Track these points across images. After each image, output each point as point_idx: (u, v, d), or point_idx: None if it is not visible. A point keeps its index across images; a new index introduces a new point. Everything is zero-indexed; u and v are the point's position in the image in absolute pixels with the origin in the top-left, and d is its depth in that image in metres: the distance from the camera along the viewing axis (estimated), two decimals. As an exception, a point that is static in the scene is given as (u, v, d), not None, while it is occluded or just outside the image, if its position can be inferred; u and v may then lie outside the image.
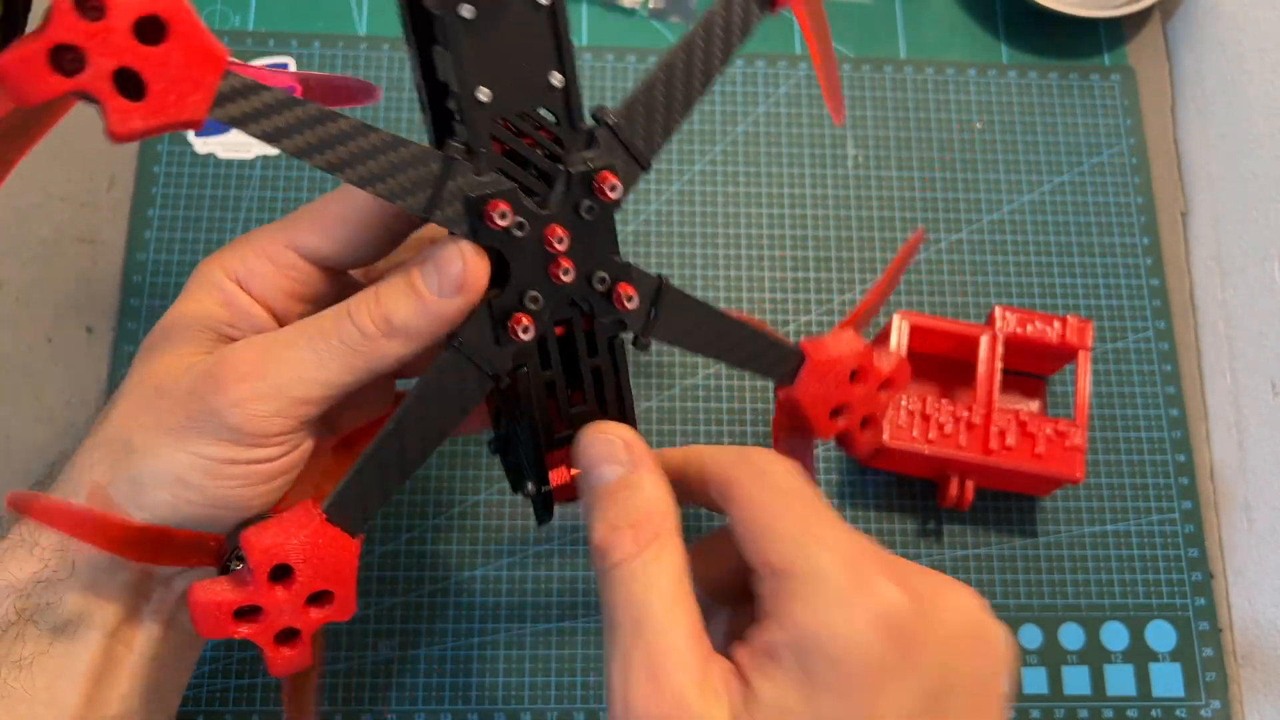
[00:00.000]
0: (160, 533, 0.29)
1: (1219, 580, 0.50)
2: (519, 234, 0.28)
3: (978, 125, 0.56)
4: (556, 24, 0.28)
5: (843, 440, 0.37)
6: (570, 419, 0.32)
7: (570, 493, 0.33)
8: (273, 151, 0.52)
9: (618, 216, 0.31)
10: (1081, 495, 0.50)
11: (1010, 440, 0.45)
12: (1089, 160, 0.56)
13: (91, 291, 0.49)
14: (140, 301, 0.49)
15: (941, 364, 0.50)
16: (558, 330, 0.31)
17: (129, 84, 0.23)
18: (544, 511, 0.33)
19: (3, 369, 0.48)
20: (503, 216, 0.28)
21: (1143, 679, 0.47)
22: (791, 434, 0.36)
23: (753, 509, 0.28)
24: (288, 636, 0.28)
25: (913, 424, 0.45)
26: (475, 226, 0.28)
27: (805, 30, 0.37)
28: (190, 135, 0.52)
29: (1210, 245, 0.54)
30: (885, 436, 0.45)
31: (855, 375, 0.35)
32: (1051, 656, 0.47)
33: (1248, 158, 0.52)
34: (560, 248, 0.29)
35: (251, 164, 0.52)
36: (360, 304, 0.29)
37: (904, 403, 0.46)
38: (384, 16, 0.55)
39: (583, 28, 0.56)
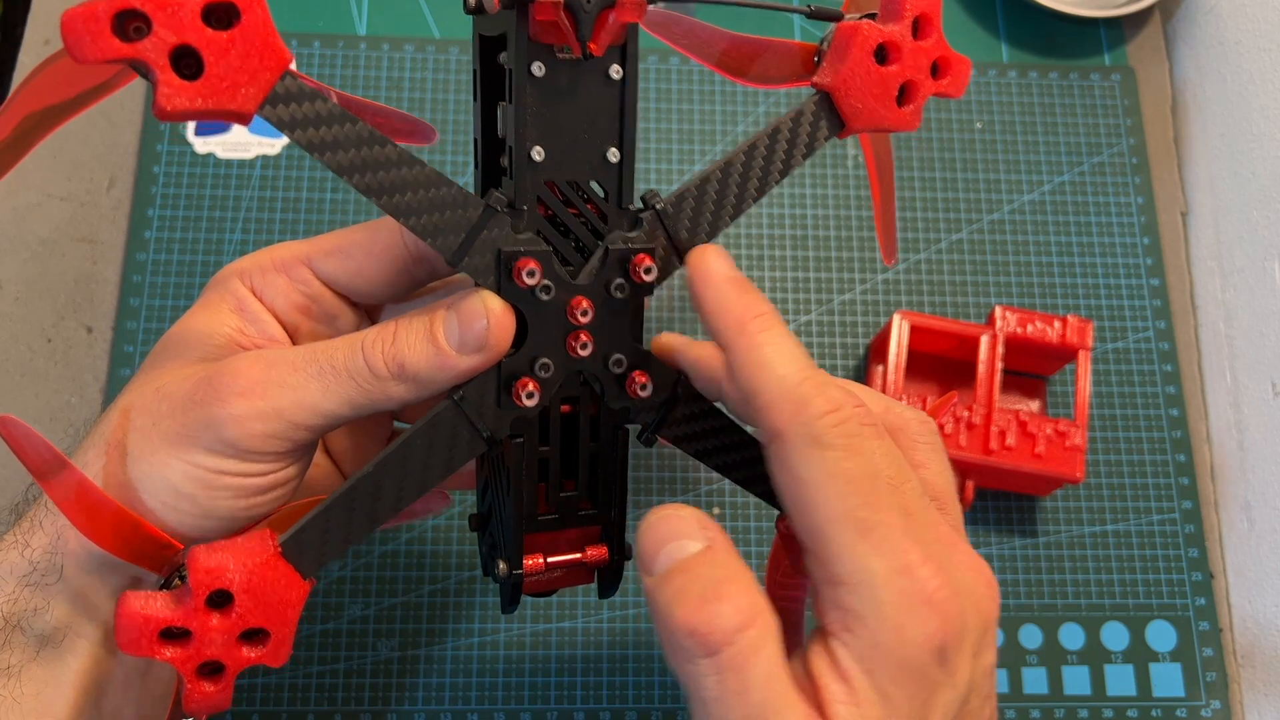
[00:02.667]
0: (141, 530, 0.28)
1: (1219, 580, 0.50)
2: (544, 297, 0.28)
3: (978, 125, 0.56)
4: (624, 100, 0.28)
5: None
6: (558, 503, 0.30)
7: (541, 586, 0.31)
8: (273, 152, 0.52)
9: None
10: (1081, 495, 0.50)
11: (1010, 440, 0.45)
12: (1089, 160, 0.56)
13: (91, 291, 0.49)
14: (140, 301, 0.49)
15: (941, 364, 0.50)
16: (563, 409, 0.30)
17: (186, 62, 0.23)
18: (511, 599, 0.31)
19: (3, 369, 0.48)
20: (530, 275, 0.27)
21: (1143, 679, 0.47)
22: (790, 560, 0.32)
23: (803, 489, 0.25)
24: (212, 671, 0.26)
25: (913, 424, 0.45)
26: (502, 282, 0.27)
27: (870, 166, 0.35)
28: (190, 135, 0.52)
29: (1210, 245, 0.54)
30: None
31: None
32: (1051, 656, 0.47)
33: (1248, 158, 0.52)
34: (583, 320, 0.28)
35: (251, 164, 0.52)
36: (375, 342, 0.28)
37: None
38: (384, 17, 0.55)
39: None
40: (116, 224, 0.51)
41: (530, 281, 0.27)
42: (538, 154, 0.27)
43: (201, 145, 0.52)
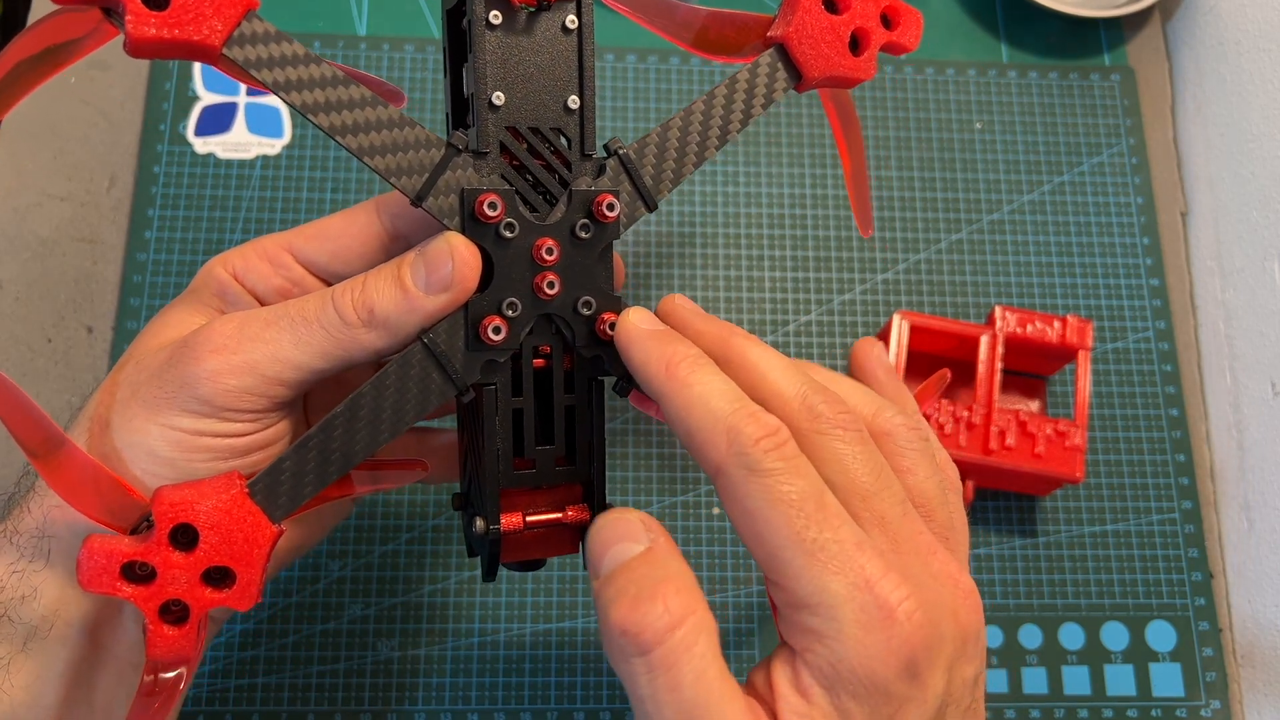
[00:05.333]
0: (124, 495, 0.27)
1: (1219, 580, 0.50)
2: (508, 234, 0.28)
3: (978, 125, 0.56)
4: (582, 48, 0.29)
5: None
6: (535, 456, 0.30)
7: (522, 551, 0.31)
8: (273, 152, 0.52)
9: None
10: (1081, 495, 0.50)
11: (1010, 440, 0.45)
12: (1089, 160, 0.56)
13: (91, 291, 0.49)
14: (140, 301, 0.49)
15: (941, 364, 0.50)
16: (537, 363, 0.30)
17: None
18: (489, 565, 0.31)
19: (3, 369, 0.48)
20: (492, 207, 0.28)
21: (1143, 679, 0.47)
22: None
23: (749, 520, 0.25)
24: (175, 613, 0.26)
25: (913, 424, 0.45)
26: (466, 222, 0.28)
27: (836, 129, 0.36)
28: (190, 135, 0.52)
29: (1210, 245, 0.54)
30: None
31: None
32: (1051, 656, 0.47)
33: (1248, 158, 0.52)
34: (549, 259, 0.29)
35: (251, 164, 0.52)
36: (344, 291, 0.28)
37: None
38: (384, 16, 0.55)
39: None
40: (116, 224, 0.51)
41: (492, 214, 0.28)
42: (498, 98, 0.28)
43: (201, 145, 0.52)
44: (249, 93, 0.53)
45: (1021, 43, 0.58)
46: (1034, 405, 0.51)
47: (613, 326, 0.30)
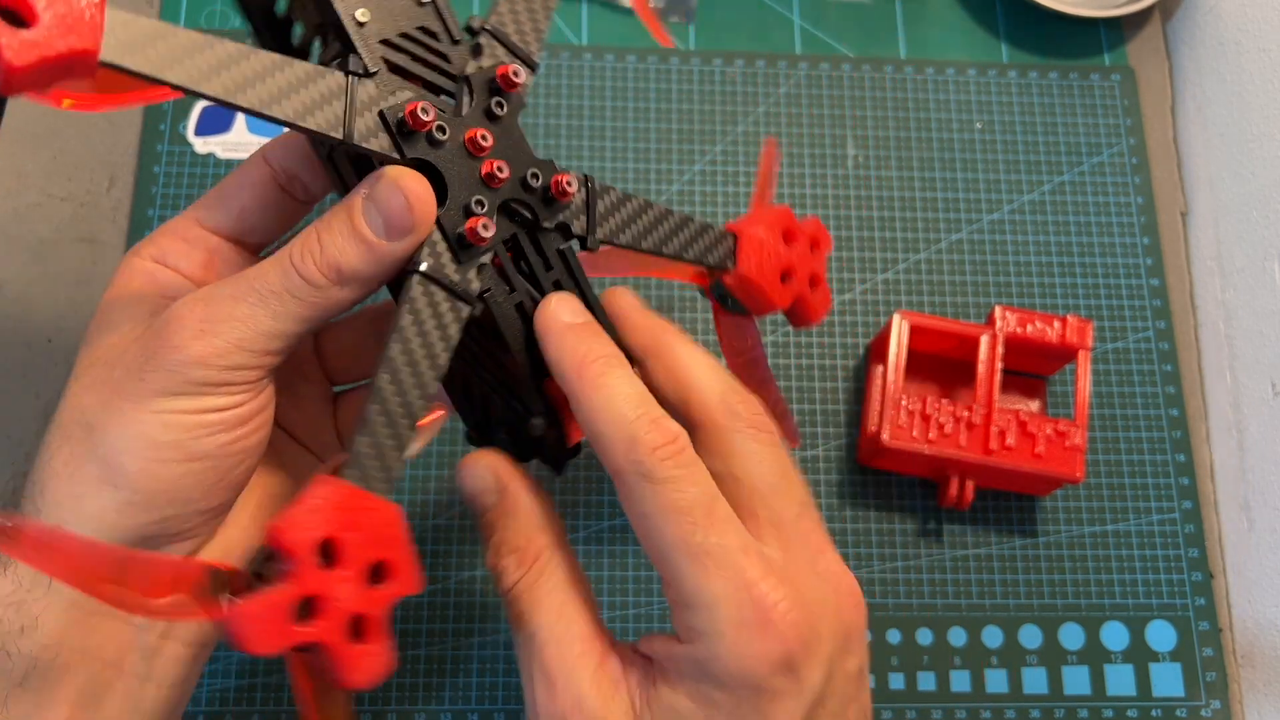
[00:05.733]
0: (136, 558, 0.25)
1: (1219, 580, 0.50)
2: (441, 136, 0.28)
3: (978, 125, 0.56)
4: None
5: (798, 310, 0.37)
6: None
7: (569, 440, 0.32)
8: (273, 151, 0.52)
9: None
10: (1081, 495, 0.50)
11: (1010, 440, 0.45)
12: (1089, 160, 0.56)
13: (91, 291, 0.49)
14: (140, 301, 0.49)
15: (941, 364, 0.50)
16: (498, 263, 0.30)
17: (13, 19, 0.22)
18: (561, 452, 0.32)
19: (3, 369, 0.48)
20: (425, 112, 0.27)
21: (1143, 679, 0.47)
22: (733, 321, 0.37)
23: (643, 524, 0.27)
24: (357, 630, 0.24)
25: (913, 424, 0.45)
26: (397, 139, 0.27)
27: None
28: (190, 135, 0.52)
29: (1210, 245, 0.54)
30: (885, 436, 0.45)
31: (787, 238, 0.36)
32: (1051, 656, 0.47)
33: (1248, 158, 0.52)
34: (487, 146, 0.29)
35: (251, 164, 0.52)
36: (304, 254, 0.28)
37: (904, 402, 0.46)
38: (384, 16, 0.55)
39: (583, 28, 0.56)
40: (116, 224, 0.51)
41: (426, 119, 0.27)
42: (362, 14, 0.28)
43: (202, 145, 0.52)
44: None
45: (1021, 43, 0.58)
46: (1034, 405, 0.51)
47: (570, 184, 0.30)
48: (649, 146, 0.54)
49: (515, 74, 0.29)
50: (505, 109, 0.29)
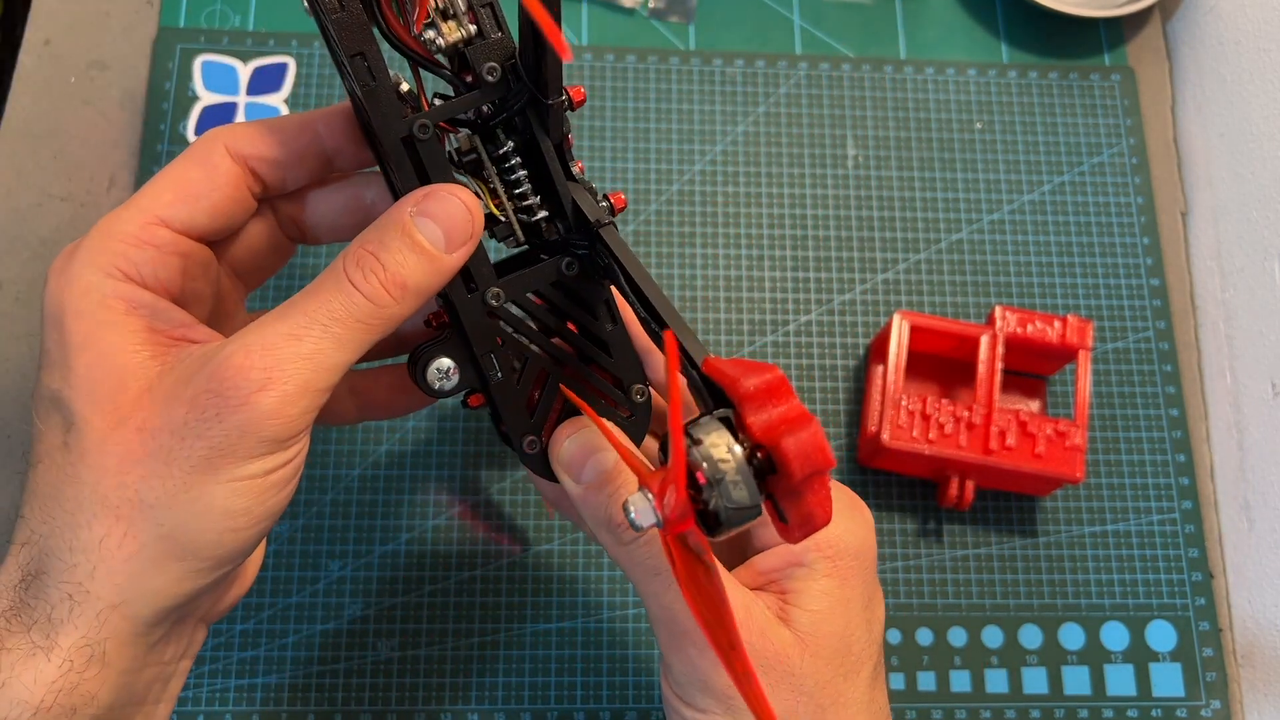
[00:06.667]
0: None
1: (1219, 580, 0.50)
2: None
3: (978, 125, 0.56)
4: None
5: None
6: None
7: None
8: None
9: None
10: (1081, 495, 0.50)
11: (1010, 440, 0.45)
12: (1089, 160, 0.56)
13: (91, 291, 0.49)
14: (140, 301, 0.49)
15: (941, 364, 0.50)
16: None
17: None
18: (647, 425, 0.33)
19: (3, 369, 0.48)
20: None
21: (1143, 679, 0.47)
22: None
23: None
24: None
25: (913, 424, 0.45)
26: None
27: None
28: (190, 135, 0.52)
29: (1210, 245, 0.54)
30: (885, 436, 0.45)
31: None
32: (1051, 656, 0.47)
33: (1248, 158, 0.52)
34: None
35: (251, 164, 0.52)
36: (365, 274, 0.26)
37: (904, 403, 0.46)
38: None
39: (583, 28, 0.56)
40: (116, 224, 0.51)
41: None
42: None
43: (201, 145, 0.52)
44: (249, 92, 0.53)
45: (1021, 43, 0.58)
46: (1034, 405, 0.51)
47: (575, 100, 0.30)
48: (649, 146, 0.54)
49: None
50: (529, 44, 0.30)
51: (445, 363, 0.30)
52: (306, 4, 0.28)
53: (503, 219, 0.31)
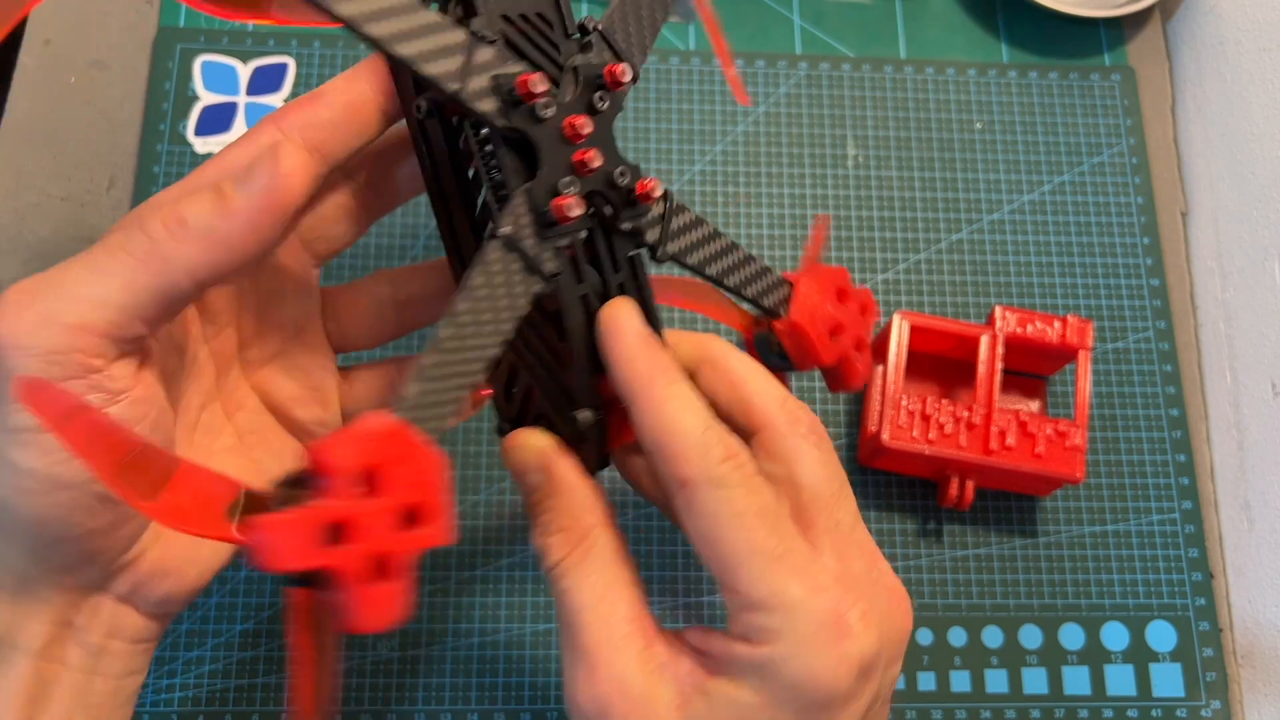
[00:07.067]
0: (163, 454, 0.22)
1: (1219, 580, 0.50)
2: (547, 114, 0.28)
3: (978, 125, 0.56)
4: None
5: (840, 371, 0.36)
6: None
7: (621, 437, 0.32)
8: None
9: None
10: (1081, 495, 0.50)
11: (1010, 440, 0.45)
12: (1089, 160, 0.56)
13: (91, 291, 0.49)
14: (140, 301, 0.49)
15: (941, 364, 0.50)
16: (570, 250, 0.31)
17: None
18: (599, 453, 0.32)
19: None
20: (536, 85, 0.27)
21: (1143, 679, 0.47)
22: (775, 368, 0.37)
23: (714, 529, 0.27)
24: (380, 569, 0.23)
25: (913, 424, 0.45)
26: (504, 104, 0.28)
27: (710, 26, 0.37)
28: (190, 135, 0.52)
29: (1210, 245, 0.54)
30: (885, 436, 0.45)
31: (840, 297, 0.36)
32: (1051, 656, 0.47)
33: (1248, 158, 0.52)
34: (585, 133, 0.29)
35: (251, 164, 0.52)
36: (151, 208, 0.25)
37: (904, 402, 0.46)
38: (384, 16, 0.55)
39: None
40: (116, 224, 0.51)
41: (539, 92, 0.27)
42: None
43: (201, 145, 0.52)
44: (249, 92, 0.53)
45: (1021, 43, 0.58)
46: (1034, 405, 0.51)
47: (655, 191, 0.30)
48: (649, 146, 0.54)
49: (623, 73, 0.29)
50: (606, 105, 0.30)
51: None
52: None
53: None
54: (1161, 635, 0.48)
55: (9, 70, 0.53)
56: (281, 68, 0.54)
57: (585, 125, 0.29)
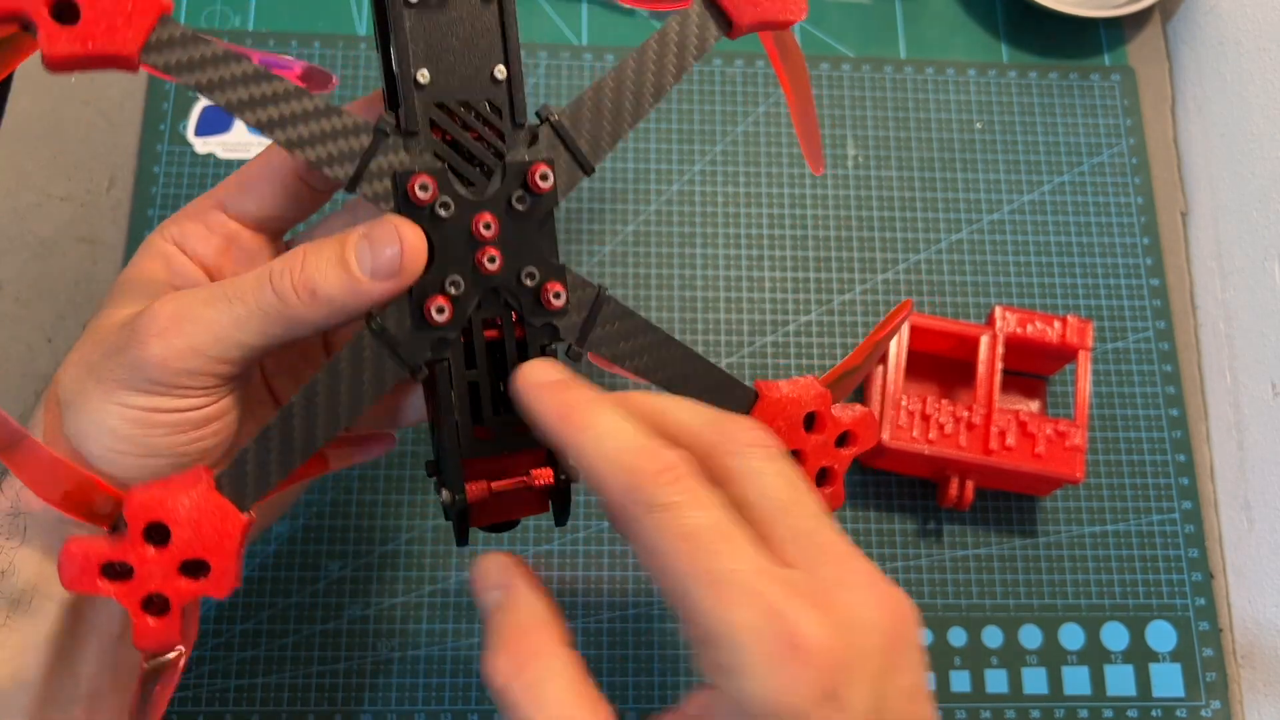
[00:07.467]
0: (92, 487, 0.28)
1: (1219, 580, 0.50)
2: (444, 214, 0.28)
3: (977, 125, 0.56)
4: (504, 18, 0.29)
5: None
6: (495, 426, 0.31)
7: (493, 516, 0.32)
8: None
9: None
10: (1081, 495, 0.50)
11: (1010, 440, 0.45)
12: (1089, 160, 0.56)
13: (91, 291, 0.49)
14: (140, 301, 0.49)
15: (941, 364, 0.50)
16: (490, 334, 0.30)
17: (66, 12, 0.24)
18: (460, 531, 0.31)
19: (3, 369, 0.48)
20: (424, 189, 0.28)
21: (1143, 679, 0.47)
22: None
23: (651, 558, 0.25)
24: (156, 605, 0.27)
25: (913, 424, 0.45)
26: (401, 205, 0.28)
27: (777, 68, 0.35)
28: (190, 135, 0.52)
29: (1210, 245, 0.54)
30: (885, 436, 0.45)
31: (812, 423, 0.33)
32: (1051, 656, 0.47)
33: (1248, 158, 0.52)
34: (487, 234, 0.29)
35: (251, 164, 0.52)
36: (283, 271, 0.28)
37: (904, 403, 0.46)
38: (384, 16, 0.55)
39: (583, 28, 0.56)
40: (116, 224, 0.51)
41: (424, 196, 0.28)
42: (423, 76, 0.28)
43: (201, 145, 0.52)
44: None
45: (1021, 43, 0.58)
46: (1034, 405, 0.51)
47: (557, 297, 0.30)
48: (649, 146, 0.54)
49: (543, 177, 0.29)
50: (526, 205, 0.29)
51: None
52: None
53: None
54: (1161, 635, 0.48)
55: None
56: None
57: (490, 225, 0.28)
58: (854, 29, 0.57)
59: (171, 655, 0.28)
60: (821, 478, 0.34)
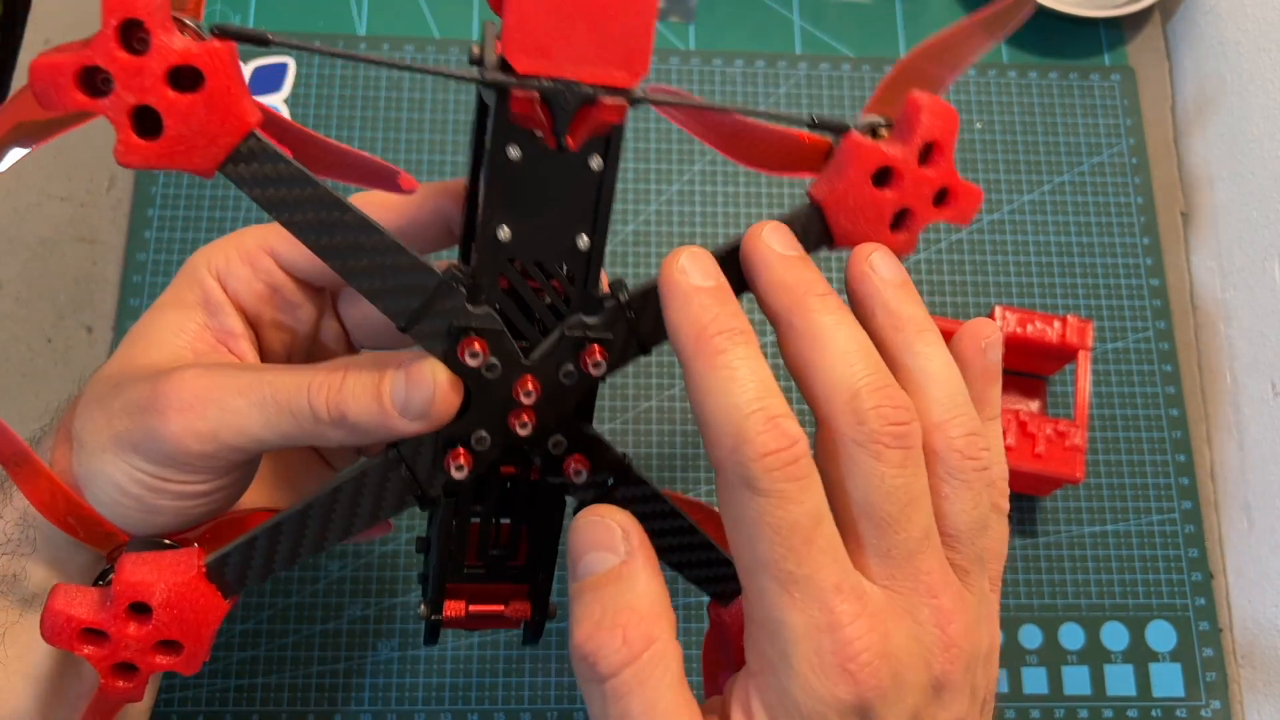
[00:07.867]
0: (92, 519, 0.29)
1: (1219, 580, 0.50)
2: (488, 376, 0.27)
3: (977, 125, 0.56)
4: (601, 190, 0.27)
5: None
6: (486, 558, 0.31)
7: (465, 625, 0.32)
8: (273, 151, 0.52)
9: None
10: (1081, 495, 0.50)
11: (1010, 440, 0.45)
12: (1089, 160, 0.56)
13: (91, 291, 0.49)
14: (140, 301, 0.49)
15: (941, 364, 0.50)
16: (508, 469, 0.30)
17: (148, 120, 0.23)
18: (430, 636, 0.32)
19: (3, 369, 0.48)
20: (474, 356, 0.27)
21: (1143, 679, 0.47)
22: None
23: (735, 530, 0.25)
24: (126, 669, 0.28)
25: (913, 424, 0.45)
26: (448, 353, 0.27)
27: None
28: (190, 135, 0.52)
29: (1210, 245, 0.54)
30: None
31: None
32: (1051, 656, 0.47)
33: (1248, 158, 0.52)
34: (526, 401, 0.28)
35: (251, 164, 0.52)
36: (322, 386, 0.28)
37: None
38: (384, 16, 0.55)
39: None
40: (116, 224, 0.51)
41: (473, 363, 0.27)
42: (504, 233, 0.26)
43: (201, 145, 0.52)
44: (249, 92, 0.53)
45: (1021, 43, 0.58)
46: (1034, 405, 0.51)
47: (578, 474, 0.29)
48: (649, 146, 0.54)
49: (596, 366, 0.27)
50: (572, 382, 0.28)
51: None
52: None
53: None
54: (1161, 635, 0.48)
55: (9, 70, 0.53)
56: (282, 68, 0.54)
57: (531, 393, 0.27)
58: (854, 29, 0.57)
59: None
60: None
